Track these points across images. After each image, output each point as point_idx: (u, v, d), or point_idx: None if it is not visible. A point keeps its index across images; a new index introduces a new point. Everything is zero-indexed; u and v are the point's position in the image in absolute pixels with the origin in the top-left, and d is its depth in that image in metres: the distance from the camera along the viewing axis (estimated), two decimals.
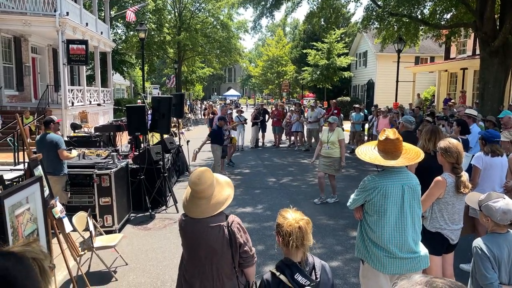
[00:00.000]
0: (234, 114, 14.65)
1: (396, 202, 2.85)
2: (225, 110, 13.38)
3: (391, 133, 2.91)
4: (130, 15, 21.25)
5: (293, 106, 17.62)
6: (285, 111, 17.11)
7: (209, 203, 2.47)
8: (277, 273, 2.12)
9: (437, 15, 14.84)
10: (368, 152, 2.99)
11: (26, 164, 6.05)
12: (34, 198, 3.04)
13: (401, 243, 2.84)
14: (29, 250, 1.22)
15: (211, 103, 20.65)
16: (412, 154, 2.92)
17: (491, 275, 2.42)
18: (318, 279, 2.09)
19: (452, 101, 16.33)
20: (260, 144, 15.90)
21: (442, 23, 15.01)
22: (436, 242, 3.43)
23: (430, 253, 3.10)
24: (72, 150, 6.52)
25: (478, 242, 2.54)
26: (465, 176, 3.39)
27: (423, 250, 2.94)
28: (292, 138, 15.83)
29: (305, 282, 2.05)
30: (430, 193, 3.37)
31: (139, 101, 19.02)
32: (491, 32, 11.07)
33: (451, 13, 14.93)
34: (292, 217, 2.16)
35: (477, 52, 14.92)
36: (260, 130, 15.72)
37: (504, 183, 4.40)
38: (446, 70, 20.96)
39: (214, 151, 9.53)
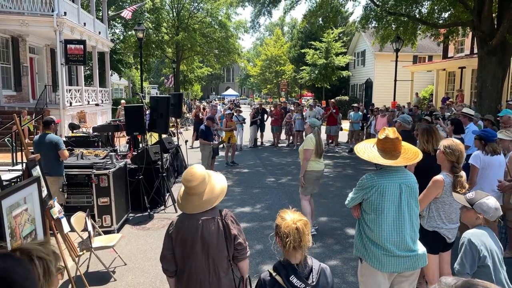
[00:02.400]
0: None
1: (393, 201, 2.86)
2: (214, 110, 13.42)
3: (391, 132, 2.91)
4: (127, 14, 21.25)
5: (293, 105, 17.60)
6: (283, 110, 17.05)
7: (201, 200, 2.53)
8: (274, 273, 2.13)
9: (435, 14, 14.86)
10: (367, 150, 3.00)
11: (24, 164, 6.05)
12: (31, 198, 3.04)
13: (399, 241, 2.85)
14: (39, 249, 1.24)
15: (198, 104, 20.41)
16: (410, 154, 2.92)
17: (470, 268, 2.57)
18: (314, 283, 2.09)
19: (450, 100, 16.35)
20: (258, 143, 15.91)
21: (440, 22, 15.03)
22: (433, 241, 3.45)
23: (428, 251, 3.10)
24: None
25: (473, 235, 2.62)
26: (463, 176, 3.41)
27: (421, 248, 2.94)
28: (291, 137, 15.84)
29: (300, 285, 2.05)
30: (428, 192, 3.38)
31: (122, 101, 19.01)
32: (488, 31, 11.09)
33: (449, 12, 14.96)
34: (290, 218, 2.16)
35: (475, 51, 14.95)
36: (259, 130, 15.72)
37: (498, 183, 4.37)
38: (444, 69, 21.00)
39: (202, 150, 9.58)
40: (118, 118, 13.66)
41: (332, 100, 16.92)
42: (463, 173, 3.42)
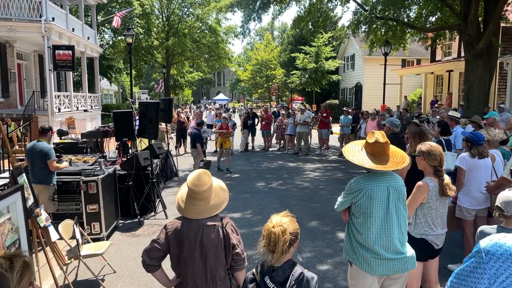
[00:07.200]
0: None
1: (381, 204, 2.86)
2: (200, 115, 13.48)
3: (381, 136, 2.91)
4: (117, 21, 21.12)
5: (282, 109, 17.61)
6: (273, 115, 17.04)
7: (208, 205, 2.51)
8: (255, 272, 2.24)
9: (423, 18, 15.07)
10: (356, 153, 2.98)
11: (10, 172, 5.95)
12: (15, 207, 2.99)
13: (387, 244, 2.86)
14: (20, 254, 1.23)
15: (179, 109, 19.99)
16: (398, 158, 2.92)
17: None
18: None
19: (439, 103, 16.54)
20: (249, 148, 15.89)
21: (428, 26, 15.24)
22: (420, 248, 3.35)
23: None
24: (63, 161, 6.33)
25: None
26: (447, 178, 3.37)
27: (410, 251, 2.95)
28: (282, 142, 15.85)
29: (272, 286, 2.13)
30: (413, 198, 3.32)
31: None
32: (475, 35, 11.27)
33: (436, 16, 15.18)
34: (275, 221, 2.23)
35: (462, 54, 15.16)
36: (250, 134, 15.71)
37: (486, 184, 4.40)
38: (432, 73, 21.26)
39: (195, 156, 9.53)
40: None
41: (323, 103, 17.00)
42: (446, 176, 3.39)
